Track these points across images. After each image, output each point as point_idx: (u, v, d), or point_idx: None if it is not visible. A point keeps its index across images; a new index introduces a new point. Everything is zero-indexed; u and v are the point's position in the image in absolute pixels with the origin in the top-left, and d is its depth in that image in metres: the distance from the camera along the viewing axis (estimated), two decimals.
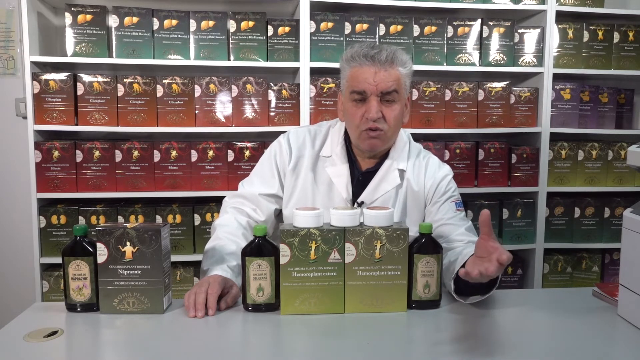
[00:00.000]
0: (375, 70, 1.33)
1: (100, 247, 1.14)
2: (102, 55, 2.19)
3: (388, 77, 1.33)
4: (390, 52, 1.35)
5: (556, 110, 2.47)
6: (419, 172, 1.47)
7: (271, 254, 1.17)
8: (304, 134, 1.51)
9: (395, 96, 1.35)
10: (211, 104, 2.26)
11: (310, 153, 1.47)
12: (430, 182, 1.46)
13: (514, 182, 2.46)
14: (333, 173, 1.45)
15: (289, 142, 1.49)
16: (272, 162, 1.49)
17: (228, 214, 1.45)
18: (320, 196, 1.45)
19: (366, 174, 1.46)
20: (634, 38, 2.48)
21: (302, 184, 1.46)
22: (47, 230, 2.20)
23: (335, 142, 1.48)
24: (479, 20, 2.39)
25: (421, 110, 2.39)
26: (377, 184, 1.44)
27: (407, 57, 1.39)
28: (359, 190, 1.44)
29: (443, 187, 1.46)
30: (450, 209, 1.43)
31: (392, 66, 1.34)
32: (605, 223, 2.53)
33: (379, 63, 1.33)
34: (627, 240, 1.17)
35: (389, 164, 1.45)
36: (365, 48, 1.36)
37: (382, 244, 1.16)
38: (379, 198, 1.43)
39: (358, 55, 1.36)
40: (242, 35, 2.25)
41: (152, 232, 1.14)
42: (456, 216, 1.43)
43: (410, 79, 1.41)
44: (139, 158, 2.22)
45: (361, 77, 1.34)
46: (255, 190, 1.47)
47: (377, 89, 1.33)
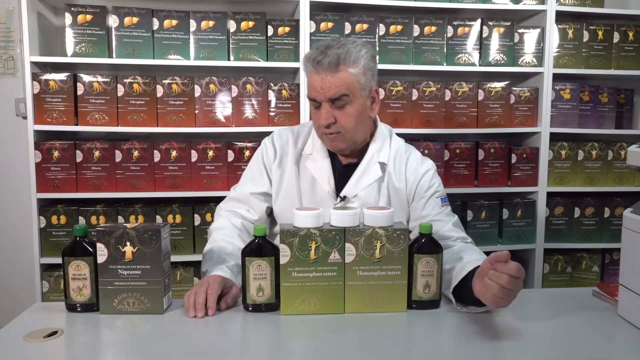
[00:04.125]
0: (322, 77, 1.32)
1: (100, 247, 1.14)
2: (102, 55, 2.19)
3: (334, 83, 1.32)
4: (334, 56, 1.30)
5: (556, 110, 2.47)
6: (400, 166, 1.47)
7: (271, 254, 1.17)
8: (287, 133, 1.55)
9: (346, 100, 1.34)
10: (211, 104, 2.26)
11: (294, 151, 1.51)
12: (413, 177, 1.46)
13: (514, 182, 2.46)
14: (314, 168, 1.48)
15: (272, 142, 1.53)
16: (260, 162, 1.53)
17: (222, 218, 1.48)
18: (304, 191, 1.48)
19: (347, 167, 1.47)
20: (634, 38, 2.48)
21: (287, 180, 1.49)
22: (47, 231, 2.20)
23: (316, 139, 1.49)
24: (479, 20, 2.39)
25: (421, 110, 2.39)
26: (359, 178, 1.44)
27: (360, 54, 1.33)
28: (341, 183, 1.46)
29: (426, 182, 1.45)
30: (436, 204, 1.43)
31: (338, 70, 1.31)
32: (605, 223, 2.53)
33: (323, 69, 1.32)
34: (627, 240, 1.17)
35: (370, 157, 1.45)
36: (315, 52, 1.34)
37: (382, 244, 1.16)
38: (362, 191, 1.44)
39: (308, 60, 1.35)
40: (242, 35, 2.25)
41: (152, 232, 1.14)
42: (442, 212, 1.42)
43: (368, 74, 1.36)
44: (139, 158, 2.22)
45: (311, 85, 1.36)
46: (247, 190, 1.51)
47: (324, 96, 1.33)
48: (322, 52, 1.33)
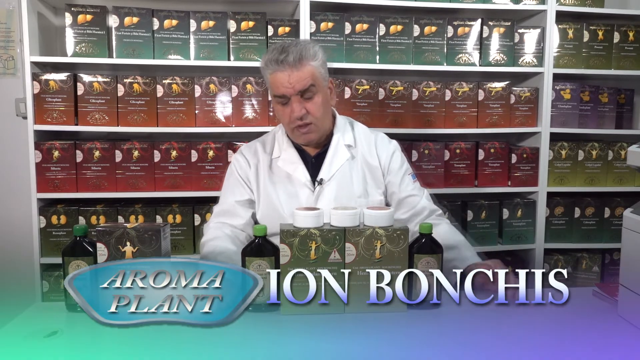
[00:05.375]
0: (289, 73, 1.42)
1: (100, 247, 1.14)
2: (102, 55, 2.19)
3: (301, 76, 1.43)
4: (296, 52, 1.42)
5: (556, 110, 2.47)
6: (370, 145, 1.60)
7: (271, 254, 1.17)
8: (254, 144, 1.64)
9: (313, 90, 1.45)
10: (211, 104, 2.26)
11: (264, 158, 1.59)
12: (384, 154, 1.59)
13: (514, 182, 2.46)
14: (286, 164, 1.56)
15: (243, 155, 1.61)
16: (236, 175, 1.59)
17: (212, 229, 1.52)
18: (282, 190, 1.54)
19: (317, 157, 1.57)
20: (634, 38, 2.48)
21: (264, 186, 1.56)
22: (47, 230, 2.20)
23: (281, 141, 1.59)
24: (479, 20, 2.39)
25: (421, 110, 2.39)
26: (331, 160, 1.55)
27: (315, 49, 1.47)
28: (315, 172, 1.55)
29: (398, 160, 1.60)
30: (409, 181, 1.59)
31: (302, 64, 1.43)
32: (605, 223, 2.53)
33: (289, 65, 1.42)
34: (627, 240, 1.17)
35: (337, 142, 1.56)
36: (275, 54, 1.44)
37: (382, 244, 1.16)
38: (336, 173, 1.54)
39: (270, 62, 1.44)
40: (242, 35, 2.25)
41: (152, 232, 1.14)
42: (415, 187, 1.60)
43: (325, 67, 1.50)
44: (139, 158, 2.22)
45: (277, 82, 1.44)
46: (230, 200, 1.56)
47: (294, 89, 1.43)
48: (281, 51, 1.43)
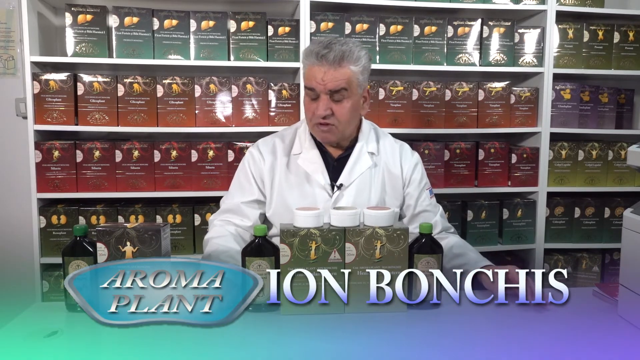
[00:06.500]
0: (325, 70, 1.40)
1: (100, 247, 1.14)
2: (102, 55, 2.19)
3: (336, 77, 1.39)
4: (339, 52, 1.39)
5: (556, 110, 2.47)
6: (394, 154, 1.58)
7: (271, 254, 1.17)
8: (272, 139, 1.60)
9: (344, 94, 1.42)
10: (211, 104, 2.26)
11: (283, 154, 1.55)
12: (407, 165, 1.58)
13: (514, 182, 2.46)
14: (306, 164, 1.53)
15: (259, 150, 1.57)
16: (247, 171, 1.56)
17: (216, 227, 1.51)
18: (297, 190, 1.51)
19: (339, 160, 1.54)
20: (634, 38, 2.48)
21: (279, 184, 1.52)
22: (47, 230, 2.20)
23: (303, 138, 1.56)
24: (479, 20, 2.39)
25: (421, 110, 2.39)
26: (352, 166, 1.53)
27: (360, 53, 1.43)
28: (335, 176, 1.53)
29: (419, 173, 1.59)
30: (427, 196, 1.58)
31: (342, 65, 1.40)
32: (605, 223, 2.53)
33: (327, 63, 1.39)
34: (627, 240, 1.17)
35: (360, 147, 1.54)
36: (318, 46, 1.41)
37: (382, 244, 1.16)
38: (356, 179, 1.52)
39: (311, 53, 1.42)
40: (242, 35, 2.25)
41: (152, 232, 1.14)
42: (431, 203, 1.59)
43: (365, 74, 1.46)
44: (139, 158, 2.22)
45: (312, 75, 1.42)
46: (237, 200, 1.54)
47: (325, 87, 1.40)
48: (326, 46, 1.40)
